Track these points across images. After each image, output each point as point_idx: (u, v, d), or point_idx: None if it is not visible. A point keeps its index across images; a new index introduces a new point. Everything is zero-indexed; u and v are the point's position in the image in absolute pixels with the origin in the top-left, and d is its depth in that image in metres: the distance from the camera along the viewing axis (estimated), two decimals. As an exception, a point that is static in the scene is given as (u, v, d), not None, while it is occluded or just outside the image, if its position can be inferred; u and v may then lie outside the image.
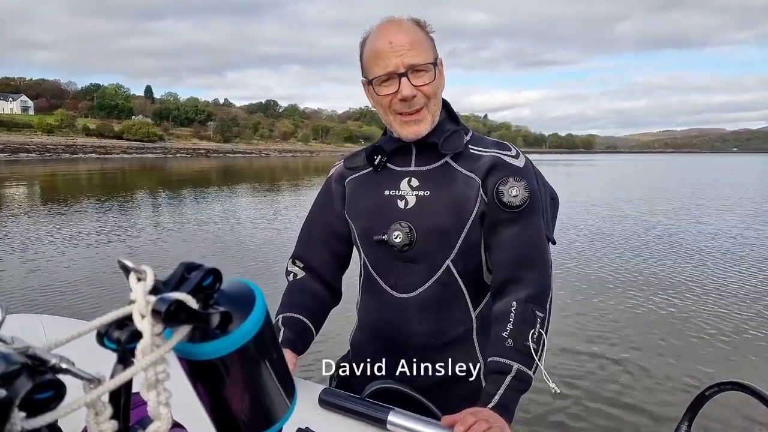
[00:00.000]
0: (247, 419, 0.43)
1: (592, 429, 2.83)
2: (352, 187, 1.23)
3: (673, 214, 11.91)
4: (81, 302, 4.86)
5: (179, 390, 0.44)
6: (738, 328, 4.31)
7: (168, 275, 0.38)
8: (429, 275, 1.13)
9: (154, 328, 0.32)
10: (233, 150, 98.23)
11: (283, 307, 1.23)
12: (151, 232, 9.04)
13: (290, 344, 1.15)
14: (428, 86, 1.09)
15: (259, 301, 0.41)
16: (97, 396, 0.31)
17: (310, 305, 1.23)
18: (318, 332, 1.25)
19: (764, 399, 0.68)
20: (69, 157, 56.97)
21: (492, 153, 1.15)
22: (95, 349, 0.35)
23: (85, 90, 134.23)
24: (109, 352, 0.35)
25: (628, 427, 2.84)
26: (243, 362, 0.40)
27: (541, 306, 1.05)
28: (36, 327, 1.31)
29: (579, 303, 4.96)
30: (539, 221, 1.13)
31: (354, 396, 1.00)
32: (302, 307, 1.22)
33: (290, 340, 1.16)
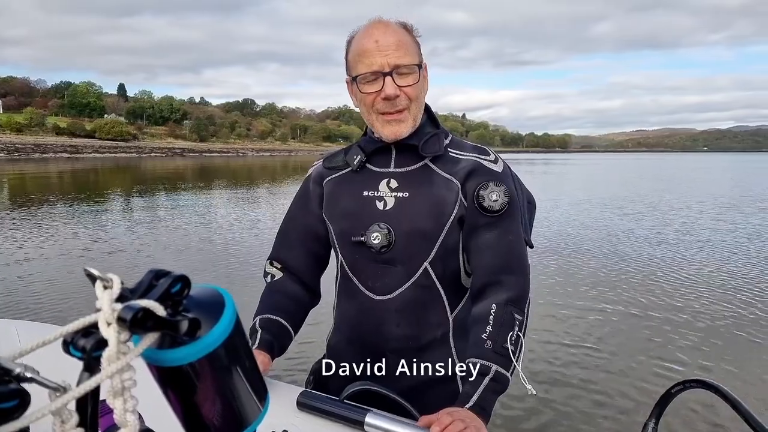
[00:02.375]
0: (219, 424, 0.43)
1: (564, 427, 2.88)
2: (331, 188, 1.23)
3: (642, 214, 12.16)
4: (52, 306, 4.76)
5: (151, 396, 0.44)
6: (707, 325, 4.42)
7: (136, 283, 0.38)
8: (407, 277, 1.13)
9: (120, 335, 0.32)
10: (209, 149, 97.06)
11: (261, 309, 1.22)
12: (124, 234, 8.88)
13: (268, 346, 1.14)
14: (411, 88, 1.10)
15: (229, 307, 0.41)
16: (62, 404, 0.31)
17: (288, 307, 1.23)
18: (296, 334, 1.24)
19: (725, 396, 0.70)
20: (39, 156, 55.56)
21: (471, 157, 1.16)
22: (65, 357, 0.35)
23: (55, 88, 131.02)
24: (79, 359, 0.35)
25: (599, 424, 2.90)
26: (213, 368, 0.40)
27: (519, 309, 1.06)
28: (10, 332, 1.28)
29: (550, 303, 5.03)
30: (518, 225, 1.14)
31: (332, 398, 0.99)
32: (280, 309, 1.21)
33: (268, 342, 1.15)
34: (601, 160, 77.17)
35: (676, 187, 20.67)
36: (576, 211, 12.29)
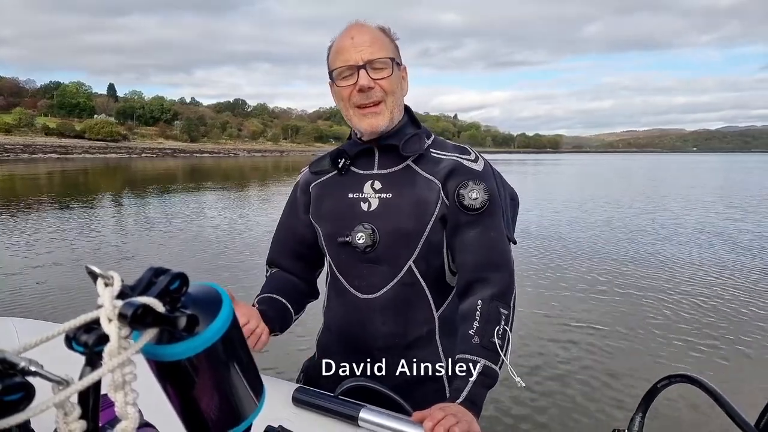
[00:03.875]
0: (216, 418, 0.44)
1: (553, 420, 2.92)
2: (317, 192, 1.26)
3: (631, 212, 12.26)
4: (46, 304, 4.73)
5: (150, 390, 0.45)
6: (692, 323, 4.48)
7: (136, 280, 0.39)
8: (392, 276, 1.16)
9: (121, 331, 0.33)
10: (200, 150, 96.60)
11: (262, 292, 1.26)
12: (118, 234, 8.83)
13: (269, 322, 1.16)
14: (386, 81, 1.13)
15: (226, 304, 0.42)
16: (65, 397, 0.32)
17: (288, 289, 1.26)
18: (297, 316, 1.27)
19: (709, 390, 0.73)
20: (28, 157, 55.01)
21: (452, 157, 1.19)
22: (67, 352, 0.36)
23: (44, 88, 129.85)
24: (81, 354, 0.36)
25: (588, 417, 2.94)
26: (210, 363, 0.41)
27: (505, 303, 1.09)
28: (9, 330, 1.30)
29: (540, 298, 5.07)
30: (500, 222, 1.17)
31: (327, 394, 1.01)
32: (281, 290, 1.25)
33: (269, 317, 1.17)
34: (591, 161, 77.61)
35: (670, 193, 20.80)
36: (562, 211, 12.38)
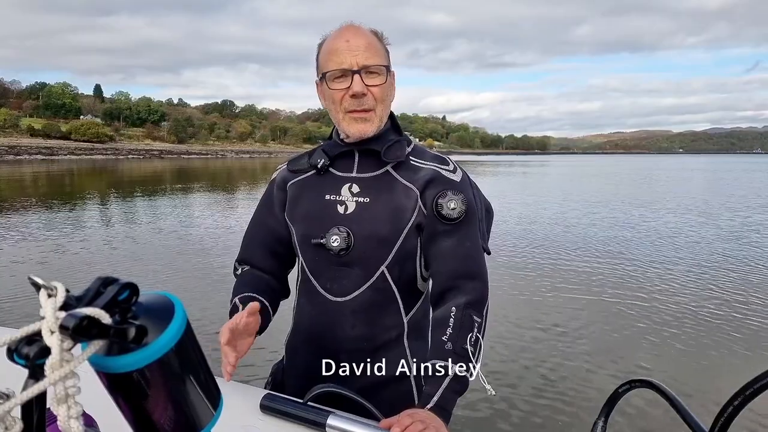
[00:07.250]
0: (170, 429, 0.44)
1: (517, 426, 2.93)
2: (294, 191, 1.25)
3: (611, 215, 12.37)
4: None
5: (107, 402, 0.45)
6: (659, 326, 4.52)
7: (83, 290, 0.38)
8: (364, 280, 1.15)
9: (63, 343, 0.33)
10: (188, 151, 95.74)
11: (237, 291, 1.21)
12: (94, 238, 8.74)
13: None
14: (378, 88, 1.13)
15: (178, 313, 0.41)
16: (4, 411, 0.32)
17: (260, 286, 1.23)
18: (273, 314, 1.23)
19: (667, 396, 0.74)
20: (12, 158, 54.22)
21: (431, 166, 1.19)
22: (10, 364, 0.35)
23: (30, 89, 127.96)
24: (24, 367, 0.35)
25: (551, 423, 2.96)
26: (162, 373, 0.41)
27: (478, 312, 1.09)
28: None
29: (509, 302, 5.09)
30: (475, 233, 1.17)
31: (295, 400, 1.01)
32: (256, 288, 1.21)
33: None
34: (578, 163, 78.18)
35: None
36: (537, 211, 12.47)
